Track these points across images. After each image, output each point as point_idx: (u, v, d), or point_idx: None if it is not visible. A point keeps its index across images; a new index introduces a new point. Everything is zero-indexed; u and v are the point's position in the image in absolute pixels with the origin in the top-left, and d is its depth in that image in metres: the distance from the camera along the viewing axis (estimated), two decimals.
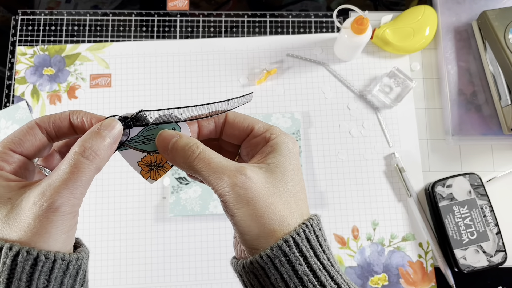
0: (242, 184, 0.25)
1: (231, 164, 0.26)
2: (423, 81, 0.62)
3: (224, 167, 0.26)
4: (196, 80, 0.61)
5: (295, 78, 0.62)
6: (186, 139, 0.27)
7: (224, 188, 0.25)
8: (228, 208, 0.26)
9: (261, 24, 0.64)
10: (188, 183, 0.56)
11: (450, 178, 0.55)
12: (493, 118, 0.59)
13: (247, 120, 0.30)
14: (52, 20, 0.64)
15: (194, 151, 0.26)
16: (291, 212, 0.26)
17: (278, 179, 0.27)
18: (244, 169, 0.26)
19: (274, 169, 0.27)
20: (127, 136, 0.29)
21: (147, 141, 0.30)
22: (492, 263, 0.53)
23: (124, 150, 0.30)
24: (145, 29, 0.64)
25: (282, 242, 0.25)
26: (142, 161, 0.31)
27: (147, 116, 0.29)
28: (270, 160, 0.27)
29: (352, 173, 0.59)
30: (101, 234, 0.56)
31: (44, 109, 0.60)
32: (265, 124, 0.30)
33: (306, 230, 0.26)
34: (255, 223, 0.25)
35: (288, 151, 0.28)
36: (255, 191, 0.25)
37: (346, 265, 0.56)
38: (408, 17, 0.61)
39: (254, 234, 0.26)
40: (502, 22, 0.57)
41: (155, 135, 0.29)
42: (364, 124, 0.60)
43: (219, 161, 0.26)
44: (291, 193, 0.27)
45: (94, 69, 0.61)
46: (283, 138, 0.28)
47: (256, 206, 0.25)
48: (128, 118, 0.28)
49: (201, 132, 0.30)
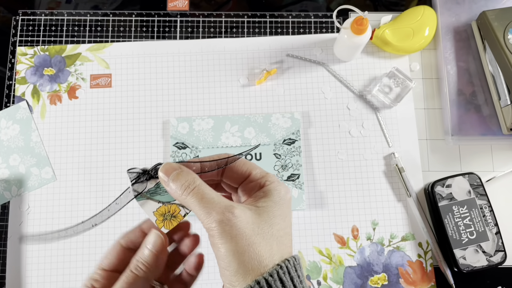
0: (228, 221, 0.27)
1: (222, 201, 0.28)
2: (423, 81, 0.62)
3: (214, 203, 0.28)
4: (196, 80, 0.61)
5: (295, 78, 0.62)
6: (186, 173, 0.29)
7: (211, 223, 0.27)
8: (213, 242, 0.27)
9: (261, 25, 0.64)
10: None
11: (449, 178, 0.56)
12: (493, 118, 0.59)
13: (246, 165, 0.32)
14: (53, 20, 0.64)
15: (190, 185, 0.28)
16: (271, 254, 0.28)
17: (264, 221, 0.28)
18: (233, 208, 0.27)
19: (262, 212, 0.29)
20: (145, 187, 0.32)
21: (162, 192, 0.32)
22: (491, 262, 0.53)
23: (142, 200, 0.32)
24: (145, 29, 0.64)
25: (254, 283, 0.26)
26: (157, 211, 0.33)
27: None
28: (261, 204, 0.29)
29: (352, 173, 0.59)
30: (101, 234, 0.57)
31: (45, 109, 0.60)
32: (262, 171, 0.32)
33: (280, 272, 0.27)
34: (236, 259, 0.27)
35: (279, 198, 0.30)
36: (240, 229, 0.27)
37: (346, 264, 0.56)
38: (408, 18, 0.61)
39: (234, 270, 0.27)
40: (502, 22, 0.57)
41: None
42: (364, 124, 0.60)
43: (211, 197, 0.28)
44: (275, 237, 0.28)
45: (95, 69, 0.62)
46: (276, 185, 0.30)
47: (238, 243, 0.27)
48: (147, 171, 0.31)
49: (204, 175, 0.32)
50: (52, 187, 0.58)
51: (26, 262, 0.56)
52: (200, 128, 0.58)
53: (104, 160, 0.59)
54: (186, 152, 0.57)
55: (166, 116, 0.60)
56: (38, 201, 0.57)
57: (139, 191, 0.32)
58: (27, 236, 0.30)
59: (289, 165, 0.57)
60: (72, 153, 0.59)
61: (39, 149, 0.58)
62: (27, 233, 0.30)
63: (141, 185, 0.32)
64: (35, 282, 0.55)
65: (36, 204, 0.57)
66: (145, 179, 0.32)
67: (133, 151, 0.59)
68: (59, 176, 0.58)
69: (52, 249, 0.56)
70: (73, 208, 0.57)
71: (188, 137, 0.58)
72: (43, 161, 0.58)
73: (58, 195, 0.58)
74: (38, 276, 0.55)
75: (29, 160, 0.58)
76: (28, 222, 0.57)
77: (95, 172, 0.58)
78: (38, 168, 0.58)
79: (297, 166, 0.57)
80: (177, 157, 0.57)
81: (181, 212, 0.32)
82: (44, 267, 0.56)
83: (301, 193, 0.56)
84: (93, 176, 0.58)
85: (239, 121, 0.59)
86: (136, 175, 0.32)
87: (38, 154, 0.58)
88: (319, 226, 0.57)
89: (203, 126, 0.58)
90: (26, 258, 0.56)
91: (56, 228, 0.57)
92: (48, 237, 0.32)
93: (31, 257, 0.56)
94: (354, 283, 0.56)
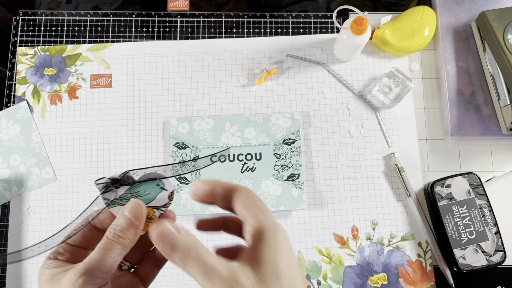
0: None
1: (223, 266, 0.26)
2: (422, 82, 0.62)
3: (217, 271, 0.26)
4: (196, 81, 0.61)
5: (295, 79, 0.62)
6: (185, 238, 0.27)
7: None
8: None
9: (261, 25, 0.64)
10: (189, 183, 0.56)
11: (449, 178, 0.56)
12: (492, 118, 0.59)
13: (241, 212, 0.30)
14: (53, 20, 0.64)
15: (190, 253, 0.27)
16: None
17: (270, 278, 0.27)
18: (236, 275, 0.26)
19: (265, 268, 0.27)
20: (115, 194, 0.32)
21: (134, 197, 0.32)
22: (491, 262, 0.53)
23: (114, 207, 0.32)
24: (145, 29, 0.64)
25: None
26: None
27: (133, 175, 0.32)
28: (261, 256, 0.28)
29: (352, 173, 0.59)
30: None
31: (45, 109, 0.60)
32: (255, 213, 0.30)
33: None
34: None
35: (277, 243, 0.28)
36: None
37: (345, 264, 0.56)
38: (407, 18, 0.61)
39: None
40: (501, 22, 0.57)
41: (141, 192, 0.32)
42: (364, 124, 0.60)
43: (212, 264, 0.26)
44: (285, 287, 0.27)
45: (95, 69, 0.62)
46: (271, 231, 0.29)
47: None
48: (115, 179, 0.32)
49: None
50: (53, 187, 0.58)
51: (27, 262, 0.56)
52: (200, 128, 0.59)
53: (105, 160, 0.59)
54: (186, 152, 0.58)
55: (166, 116, 0.60)
56: (39, 201, 0.58)
57: (111, 199, 0.32)
58: (6, 256, 0.30)
59: (289, 165, 0.57)
60: (73, 153, 0.59)
61: (39, 149, 0.58)
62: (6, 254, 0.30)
63: (111, 193, 0.32)
64: (36, 282, 0.55)
65: (37, 204, 0.57)
66: (114, 188, 0.32)
67: (133, 151, 0.59)
68: (59, 176, 0.58)
69: None
70: (74, 208, 0.57)
71: (188, 137, 0.58)
72: (44, 161, 0.58)
73: (58, 195, 0.58)
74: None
75: (30, 160, 0.58)
76: (28, 222, 0.57)
77: (95, 172, 0.58)
78: (38, 168, 0.58)
79: (297, 166, 0.57)
80: (177, 157, 0.57)
81: (156, 214, 0.32)
82: None
83: (301, 193, 0.56)
84: (93, 176, 0.58)
85: (239, 121, 0.59)
86: (104, 185, 0.32)
87: (38, 154, 0.58)
88: (319, 226, 0.57)
89: (203, 126, 0.59)
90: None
91: (57, 228, 0.57)
92: (23, 254, 0.32)
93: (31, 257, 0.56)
94: (353, 282, 0.56)
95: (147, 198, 0.33)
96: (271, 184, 0.57)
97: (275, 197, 0.56)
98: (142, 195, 0.32)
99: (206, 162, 0.33)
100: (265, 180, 0.57)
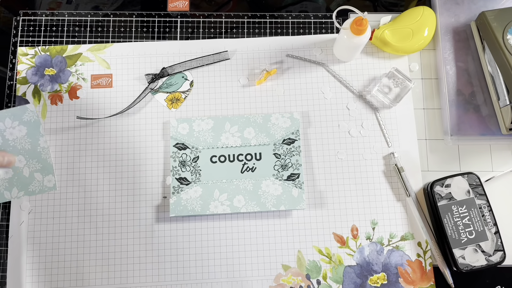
0: None
1: None
2: (422, 82, 0.62)
3: None
4: (196, 81, 0.62)
5: (295, 79, 0.62)
6: None
7: None
8: None
9: (261, 25, 0.65)
10: (189, 184, 0.57)
11: (448, 178, 0.56)
12: (492, 118, 0.59)
13: None
14: (53, 20, 0.64)
15: None
16: None
17: None
18: None
19: None
20: (156, 84, 0.59)
21: (168, 86, 0.60)
22: (490, 262, 0.53)
23: (156, 94, 0.57)
24: (145, 30, 0.64)
25: None
26: (167, 98, 0.60)
27: (168, 69, 0.59)
28: None
29: (351, 173, 0.59)
30: (102, 234, 0.57)
31: (46, 109, 0.60)
32: None
33: None
34: None
35: None
36: None
37: (345, 264, 0.56)
38: (407, 18, 0.61)
39: None
40: (501, 23, 0.57)
41: (172, 82, 0.59)
42: (363, 124, 0.61)
43: None
44: None
45: (95, 69, 0.62)
46: None
47: None
48: (157, 74, 0.58)
49: None
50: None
51: (27, 262, 0.56)
52: (200, 129, 0.59)
53: (105, 160, 0.59)
54: (186, 152, 0.58)
55: (166, 116, 0.60)
56: (39, 201, 0.58)
57: (153, 88, 0.58)
58: None
59: (289, 165, 0.57)
60: (73, 152, 0.59)
61: (45, 155, 0.58)
62: None
63: (154, 84, 0.58)
64: (36, 281, 0.55)
65: (37, 204, 0.58)
66: (156, 79, 0.57)
67: (134, 151, 0.59)
68: (60, 175, 0.58)
69: (53, 248, 0.56)
70: (74, 208, 0.58)
71: (188, 137, 0.58)
72: (48, 168, 0.58)
73: (59, 194, 0.58)
74: (38, 275, 0.56)
75: (35, 164, 0.58)
76: (28, 222, 0.57)
77: (95, 172, 0.59)
78: (41, 174, 0.57)
79: (296, 165, 0.57)
80: (177, 158, 0.57)
81: (182, 96, 0.58)
82: (45, 266, 0.56)
83: (301, 193, 0.56)
84: (94, 176, 0.58)
85: (239, 121, 0.59)
86: (151, 76, 0.59)
87: (44, 160, 0.58)
88: (318, 226, 0.58)
89: (203, 127, 0.59)
90: (27, 258, 0.56)
91: (57, 228, 0.57)
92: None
93: (31, 257, 0.56)
94: (353, 282, 0.56)
95: (177, 86, 0.59)
96: (271, 184, 0.57)
97: (275, 196, 0.56)
98: (173, 84, 0.59)
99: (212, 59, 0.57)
100: (265, 180, 0.57)
